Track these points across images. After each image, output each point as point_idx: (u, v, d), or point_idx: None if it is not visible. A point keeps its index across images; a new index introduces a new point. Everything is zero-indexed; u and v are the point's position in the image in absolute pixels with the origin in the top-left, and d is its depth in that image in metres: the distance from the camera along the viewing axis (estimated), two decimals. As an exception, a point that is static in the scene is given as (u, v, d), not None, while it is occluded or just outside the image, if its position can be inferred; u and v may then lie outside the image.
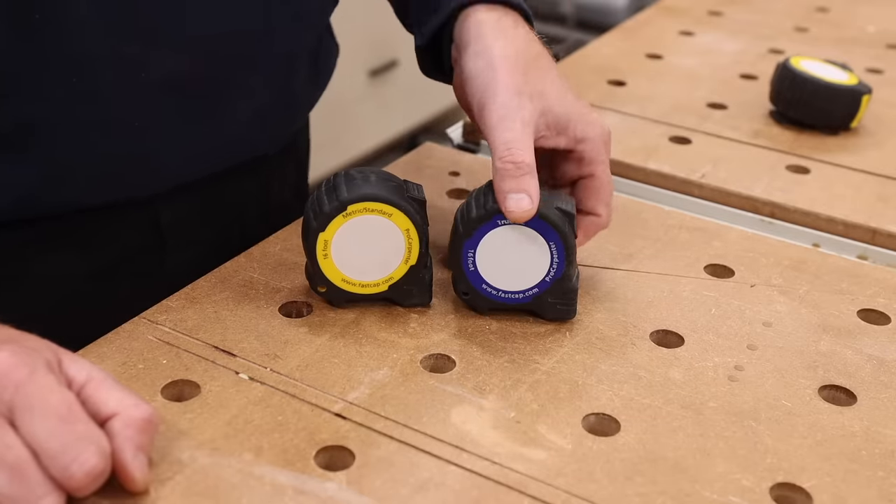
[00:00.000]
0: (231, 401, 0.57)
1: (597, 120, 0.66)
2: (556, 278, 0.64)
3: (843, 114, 0.94)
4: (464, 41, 0.67)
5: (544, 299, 0.65)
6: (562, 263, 0.63)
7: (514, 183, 0.61)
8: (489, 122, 0.63)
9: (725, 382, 0.61)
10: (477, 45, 0.66)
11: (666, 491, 0.53)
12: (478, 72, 0.65)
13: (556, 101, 0.65)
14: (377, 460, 0.54)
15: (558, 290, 0.64)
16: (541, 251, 0.63)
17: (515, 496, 0.52)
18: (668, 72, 1.08)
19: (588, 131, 0.65)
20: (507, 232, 0.63)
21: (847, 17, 1.27)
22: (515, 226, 0.63)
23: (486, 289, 0.65)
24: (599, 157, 0.66)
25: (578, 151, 0.65)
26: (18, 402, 0.47)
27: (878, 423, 0.59)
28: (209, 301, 0.66)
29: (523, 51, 0.66)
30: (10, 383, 0.48)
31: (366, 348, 0.62)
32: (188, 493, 0.51)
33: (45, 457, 0.47)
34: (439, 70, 0.74)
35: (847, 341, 0.66)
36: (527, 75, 0.64)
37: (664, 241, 0.76)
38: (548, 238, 0.63)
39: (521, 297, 0.65)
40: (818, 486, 0.54)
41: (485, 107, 0.63)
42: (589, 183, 0.66)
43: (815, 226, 0.81)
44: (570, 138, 0.65)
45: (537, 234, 0.63)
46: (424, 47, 0.73)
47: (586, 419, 0.57)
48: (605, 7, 2.71)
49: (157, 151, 0.68)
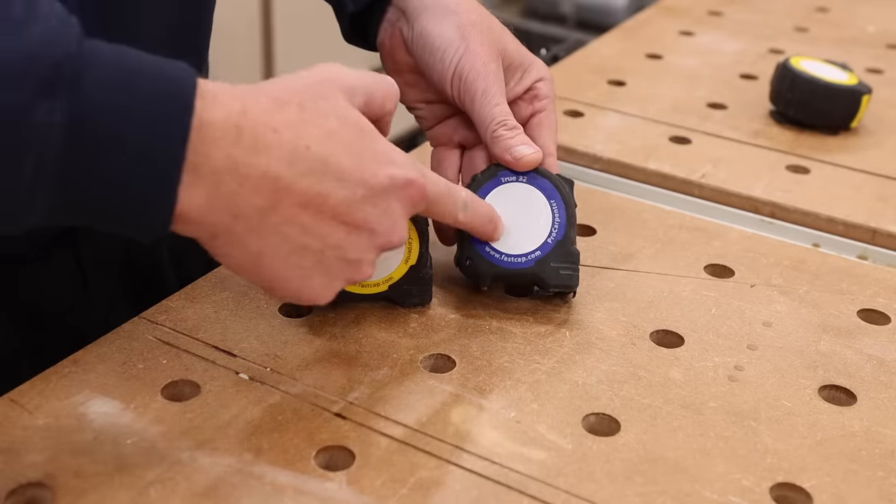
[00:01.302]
0: (231, 401, 0.57)
1: (542, 61, 0.72)
2: (559, 239, 0.65)
3: (843, 114, 0.94)
4: (415, 2, 0.69)
5: (547, 263, 0.65)
6: (563, 224, 0.65)
7: (514, 140, 0.65)
8: (472, 96, 0.66)
9: (725, 382, 0.61)
10: (436, 9, 0.68)
11: (666, 491, 0.53)
12: (446, 38, 0.67)
13: (515, 52, 0.69)
14: (377, 460, 0.54)
15: (561, 253, 0.65)
16: (543, 211, 0.65)
17: (515, 496, 0.52)
18: (668, 72, 1.08)
19: (543, 71, 0.70)
20: (510, 190, 0.65)
21: (847, 17, 1.27)
22: (518, 184, 0.65)
23: (490, 252, 0.65)
24: (551, 92, 0.70)
25: (535, 89, 0.70)
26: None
27: (878, 423, 0.59)
28: (209, 301, 0.66)
29: (481, 11, 0.69)
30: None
31: (366, 348, 0.62)
32: (188, 493, 0.51)
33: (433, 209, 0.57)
34: (363, 37, 0.75)
35: (847, 341, 0.66)
36: (492, 35, 0.68)
37: (664, 241, 0.76)
38: (549, 197, 0.65)
39: (524, 261, 0.65)
40: (818, 486, 0.54)
41: (463, 79, 0.66)
42: (542, 118, 0.69)
43: (815, 226, 0.81)
44: (530, 78, 0.70)
45: (539, 194, 0.65)
46: (355, 13, 0.74)
47: (586, 419, 0.57)
48: (605, 7, 2.71)
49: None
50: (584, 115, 0.96)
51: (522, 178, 0.65)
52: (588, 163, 0.89)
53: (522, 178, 0.65)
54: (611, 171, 0.89)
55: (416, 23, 0.68)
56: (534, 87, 0.70)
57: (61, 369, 0.58)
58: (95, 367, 0.59)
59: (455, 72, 0.66)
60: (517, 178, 0.65)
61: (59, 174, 0.44)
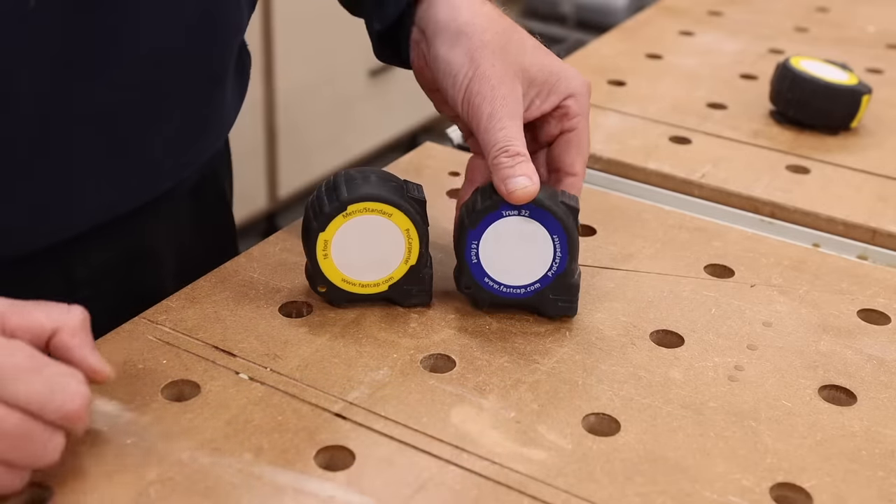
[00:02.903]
0: (231, 401, 0.57)
1: (578, 73, 0.68)
2: (559, 273, 0.64)
3: (843, 114, 0.94)
4: (432, 25, 0.67)
5: (546, 295, 0.65)
6: (564, 258, 0.64)
7: (512, 170, 0.62)
8: (478, 121, 0.64)
9: (725, 382, 0.61)
10: (449, 31, 0.66)
11: (666, 491, 0.53)
12: (456, 64, 0.65)
13: (539, 69, 0.66)
14: (377, 460, 0.54)
15: (560, 286, 0.64)
16: (544, 245, 0.64)
17: (515, 496, 0.52)
18: (668, 72, 1.08)
19: (574, 86, 0.67)
20: (511, 223, 0.63)
21: (847, 17, 1.27)
22: (520, 217, 0.63)
23: (488, 283, 0.65)
24: (583, 109, 0.68)
25: (565, 106, 0.67)
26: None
27: (878, 423, 0.59)
28: (209, 301, 0.66)
29: (498, 29, 0.66)
30: None
31: (366, 348, 0.62)
32: (188, 493, 0.51)
33: (38, 410, 0.49)
34: (396, 55, 0.73)
35: (847, 341, 0.66)
36: (506, 54, 0.65)
37: (664, 241, 0.76)
38: (551, 231, 0.63)
39: (523, 292, 0.65)
40: (818, 486, 0.54)
41: (471, 103, 0.64)
42: (571, 137, 0.68)
43: (815, 226, 0.81)
44: (559, 96, 0.67)
45: (541, 227, 0.63)
46: (382, 31, 0.72)
47: (586, 419, 0.57)
48: (605, 7, 2.71)
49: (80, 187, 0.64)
50: (584, 115, 0.96)
51: (524, 211, 0.63)
52: (588, 163, 0.89)
53: (524, 211, 0.63)
54: (611, 171, 0.89)
55: (433, 45, 0.67)
56: (563, 104, 0.67)
57: (61, 369, 0.58)
58: (95, 367, 0.59)
59: (464, 96, 0.64)
60: (519, 213, 0.63)
61: None
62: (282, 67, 2.17)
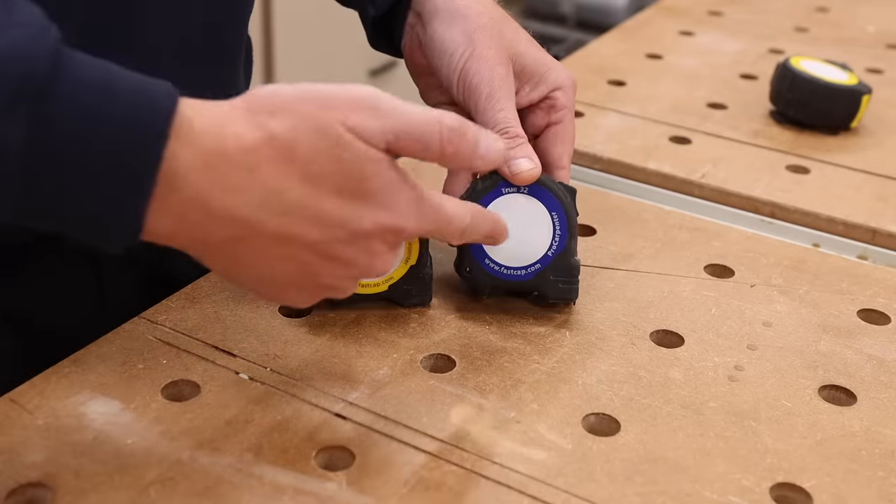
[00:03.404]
0: (231, 401, 0.57)
1: (566, 68, 0.70)
2: (559, 252, 0.64)
3: (843, 114, 0.94)
4: (429, 7, 0.68)
5: (546, 276, 0.65)
6: (564, 236, 0.64)
7: (513, 152, 0.63)
8: (476, 100, 0.65)
9: (725, 382, 0.61)
10: (447, 12, 0.67)
11: (666, 491, 0.53)
12: (453, 42, 0.66)
13: (531, 58, 0.68)
14: (377, 460, 0.54)
15: (560, 266, 0.65)
16: (543, 223, 0.64)
17: (515, 496, 0.52)
18: (668, 72, 1.08)
19: (562, 79, 0.68)
20: (510, 201, 0.64)
21: (847, 17, 1.27)
22: (518, 195, 0.64)
23: (489, 264, 0.65)
24: (570, 103, 0.69)
25: (552, 98, 0.68)
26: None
27: (878, 423, 0.59)
28: (209, 301, 0.66)
29: (495, 16, 0.68)
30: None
31: (366, 348, 0.62)
32: (188, 493, 0.51)
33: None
34: (389, 43, 0.74)
35: (847, 341, 0.66)
36: (502, 40, 0.66)
37: (664, 241, 0.76)
38: (550, 209, 0.64)
39: (524, 273, 0.65)
40: (818, 486, 0.54)
41: (467, 82, 0.65)
42: (559, 129, 0.68)
43: (815, 226, 0.81)
44: (547, 86, 0.68)
45: (540, 205, 0.64)
46: (377, 17, 0.73)
47: (586, 419, 0.57)
48: (605, 7, 2.71)
49: None
50: (584, 115, 0.96)
51: (524, 189, 0.64)
52: (588, 163, 0.89)
53: (524, 189, 0.64)
54: (611, 171, 0.89)
55: (429, 26, 0.68)
56: (551, 96, 0.68)
57: (61, 369, 0.58)
58: (95, 367, 0.59)
59: (460, 75, 0.65)
60: (518, 190, 0.64)
61: (21, 184, 0.43)
62: (282, 67, 2.17)
